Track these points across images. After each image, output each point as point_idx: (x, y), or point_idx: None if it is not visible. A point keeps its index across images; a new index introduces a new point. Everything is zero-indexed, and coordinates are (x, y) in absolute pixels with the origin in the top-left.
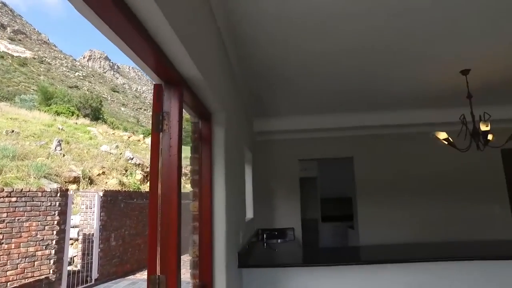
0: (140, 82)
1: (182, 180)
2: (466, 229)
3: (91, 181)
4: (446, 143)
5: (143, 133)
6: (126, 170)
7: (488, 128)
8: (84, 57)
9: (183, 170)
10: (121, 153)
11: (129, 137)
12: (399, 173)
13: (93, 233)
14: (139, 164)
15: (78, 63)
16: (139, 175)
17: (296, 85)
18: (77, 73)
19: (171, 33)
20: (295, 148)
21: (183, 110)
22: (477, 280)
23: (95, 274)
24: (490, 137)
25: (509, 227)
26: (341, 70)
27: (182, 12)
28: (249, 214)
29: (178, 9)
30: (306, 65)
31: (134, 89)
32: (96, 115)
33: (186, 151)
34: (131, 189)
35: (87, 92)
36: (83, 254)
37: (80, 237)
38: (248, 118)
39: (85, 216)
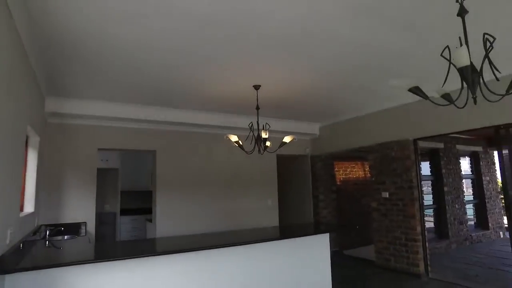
0: None
1: None
2: (249, 218)
3: None
4: (237, 145)
5: None
6: None
7: (267, 136)
8: None
9: None
10: None
11: None
12: (197, 169)
13: None
14: None
15: None
16: None
17: (99, 69)
18: None
19: None
20: (95, 136)
21: None
22: (256, 257)
23: None
24: (268, 143)
25: (276, 216)
26: (144, 64)
27: None
28: (29, 208)
29: None
30: (109, 50)
31: None
32: None
33: None
34: None
35: None
36: None
37: None
38: (39, 95)
39: None
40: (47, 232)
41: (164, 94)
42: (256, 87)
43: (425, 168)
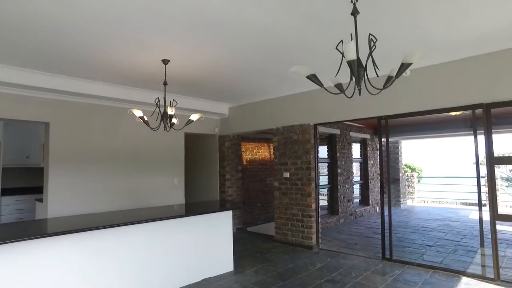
0: None
1: None
2: (154, 196)
3: None
4: (141, 120)
5: None
6: None
7: (173, 113)
8: None
9: None
10: None
11: None
12: (98, 144)
13: None
14: None
15: None
16: None
17: None
18: None
19: None
20: None
21: None
22: (159, 234)
23: None
24: (174, 120)
25: (182, 194)
26: (33, 21)
27: None
28: None
29: None
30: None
31: None
32: None
33: None
34: None
35: None
36: None
37: None
38: None
39: None
40: None
41: (59, 60)
42: (165, 62)
43: (323, 151)
